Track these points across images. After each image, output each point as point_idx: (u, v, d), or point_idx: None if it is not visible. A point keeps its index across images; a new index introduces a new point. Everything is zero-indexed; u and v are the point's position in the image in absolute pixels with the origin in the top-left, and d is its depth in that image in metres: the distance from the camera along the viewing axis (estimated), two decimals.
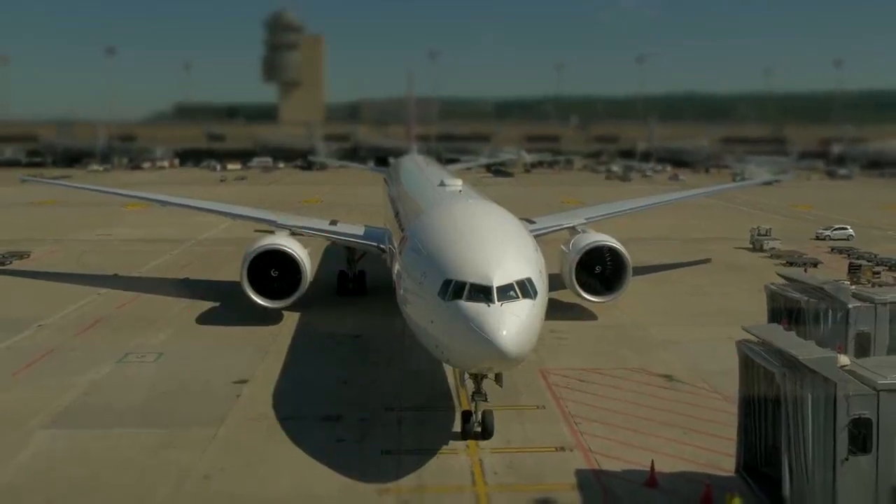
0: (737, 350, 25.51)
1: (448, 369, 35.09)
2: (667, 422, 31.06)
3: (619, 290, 47.16)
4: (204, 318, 47.05)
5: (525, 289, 26.81)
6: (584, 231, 50.86)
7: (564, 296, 46.82)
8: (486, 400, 28.65)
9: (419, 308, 29.02)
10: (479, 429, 28.92)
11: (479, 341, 25.32)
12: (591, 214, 58.06)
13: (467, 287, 26.32)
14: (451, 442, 29.07)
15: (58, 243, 75.78)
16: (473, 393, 28.50)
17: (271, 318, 45.30)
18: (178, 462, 27.40)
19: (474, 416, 28.97)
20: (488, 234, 30.24)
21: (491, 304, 25.81)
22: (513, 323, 25.53)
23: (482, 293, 26.08)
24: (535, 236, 35.48)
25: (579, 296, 46.90)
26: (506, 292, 26.26)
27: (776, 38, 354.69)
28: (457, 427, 30.06)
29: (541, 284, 27.85)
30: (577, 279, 46.67)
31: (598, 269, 47.58)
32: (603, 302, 47.20)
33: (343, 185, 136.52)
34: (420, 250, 30.73)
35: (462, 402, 32.15)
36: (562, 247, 48.61)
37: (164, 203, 69.01)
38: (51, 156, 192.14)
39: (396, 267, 35.10)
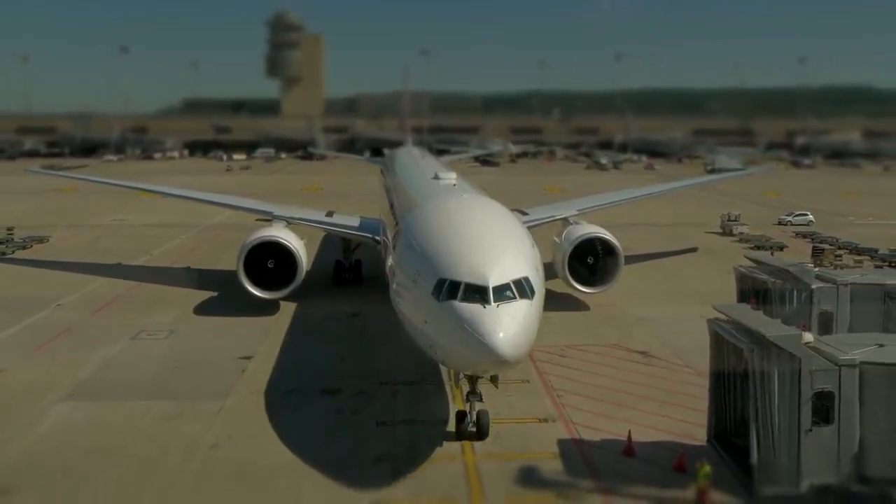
0: (708, 328, 25.55)
1: None
2: (643, 395, 31.03)
3: (611, 281, 45.44)
4: (211, 300, 46.73)
5: (522, 288, 24.47)
6: (576, 222, 48.89)
7: (556, 285, 45.50)
8: (481, 400, 26.30)
9: (412, 307, 26.56)
10: (473, 429, 26.51)
11: (474, 344, 22.98)
12: (583, 206, 55.81)
13: (462, 287, 23.88)
14: (442, 413, 28.91)
15: (75, 228, 75.29)
16: (468, 393, 26.08)
17: (272, 303, 44.31)
18: (187, 432, 27.33)
19: (469, 416, 26.52)
20: (484, 230, 27.62)
21: (487, 306, 23.40)
22: (510, 325, 23.22)
23: (478, 293, 23.67)
24: (528, 228, 33.17)
25: (572, 287, 45.38)
26: (502, 292, 23.88)
27: (745, 37, 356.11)
28: (449, 403, 29.74)
29: (538, 282, 25.56)
30: (569, 270, 45.13)
31: (590, 259, 45.83)
32: (595, 293, 45.55)
33: (341, 175, 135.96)
34: (414, 246, 28.08)
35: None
36: (554, 238, 46.90)
37: (164, 194, 68.13)
38: (68, 147, 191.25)
39: (390, 261, 32.69)
